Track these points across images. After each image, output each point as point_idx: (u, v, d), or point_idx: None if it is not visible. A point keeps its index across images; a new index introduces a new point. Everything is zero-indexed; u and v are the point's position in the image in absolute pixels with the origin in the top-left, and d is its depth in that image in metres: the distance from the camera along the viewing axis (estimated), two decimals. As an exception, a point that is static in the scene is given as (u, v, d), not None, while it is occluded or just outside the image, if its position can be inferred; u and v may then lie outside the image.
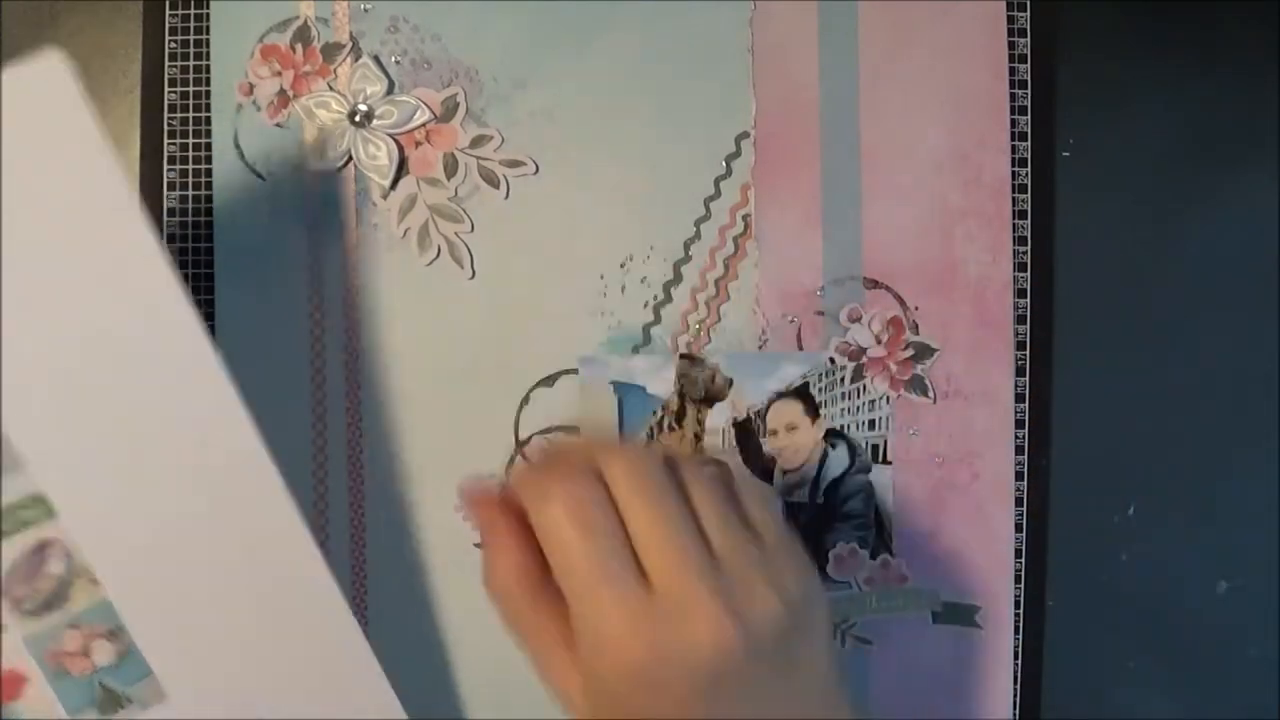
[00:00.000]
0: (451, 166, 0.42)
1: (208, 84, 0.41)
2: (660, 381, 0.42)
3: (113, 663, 0.34)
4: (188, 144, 0.41)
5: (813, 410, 0.42)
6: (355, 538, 0.42)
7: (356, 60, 0.41)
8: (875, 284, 0.42)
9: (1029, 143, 0.42)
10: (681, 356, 0.42)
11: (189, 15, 0.41)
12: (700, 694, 0.29)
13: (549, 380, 0.42)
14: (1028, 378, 0.42)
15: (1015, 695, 0.42)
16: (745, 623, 0.29)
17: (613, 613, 0.29)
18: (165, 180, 0.42)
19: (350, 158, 0.41)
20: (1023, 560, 0.43)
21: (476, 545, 0.42)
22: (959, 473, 0.42)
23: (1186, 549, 0.43)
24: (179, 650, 0.35)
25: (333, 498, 0.42)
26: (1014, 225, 0.42)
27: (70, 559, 0.33)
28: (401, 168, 0.41)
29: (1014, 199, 0.42)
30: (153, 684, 0.35)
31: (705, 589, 0.29)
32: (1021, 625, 0.43)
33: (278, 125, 0.41)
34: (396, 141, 0.41)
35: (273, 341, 0.42)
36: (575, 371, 0.42)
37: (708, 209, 0.42)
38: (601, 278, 0.42)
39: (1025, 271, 0.42)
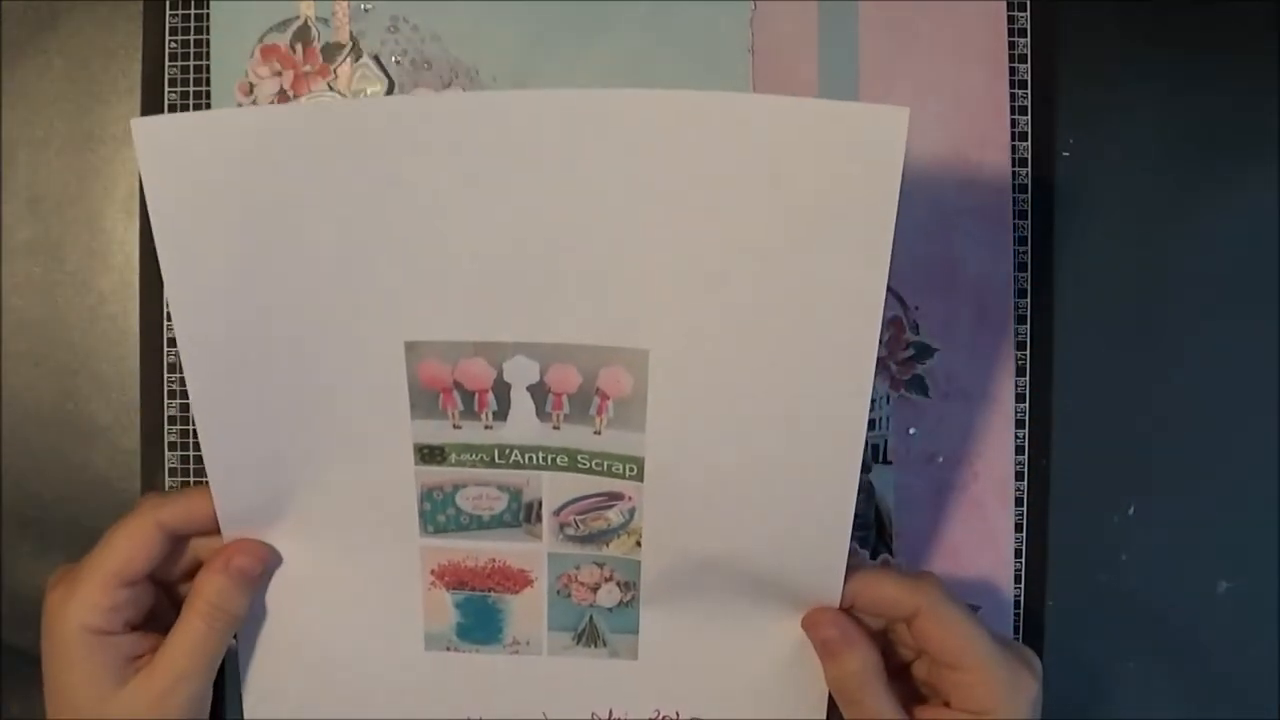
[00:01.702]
0: (451, 166, 0.41)
1: (208, 84, 0.41)
2: (660, 381, 0.42)
3: (611, 608, 0.37)
4: (188, 144, 0.41)
5: (813, 410, 0.42)
6: (355, 538, 0.42)
7: (356, 60, 0.41)
8: (875, 284, 0.42)
9: (1029, 143, 0.42)
10: (682, 356, 0.42)
11: (189, 15, 0.41)
12: None
13: (549, 380, 0.42)
14: (1028, 378, 0.42)
15: (1015, 695, 0.42)
16: None
17: None
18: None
19: (350, 158, 0.41)
20: (1023, 560, 0.43)
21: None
22: (959, 473, 0.42)
23: (1186, 549, 0.43)
24: (668, 627, 0.37)
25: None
26: (1014, 225, 0.42)
27: (631, 517, 0.35)
28: (401, 168, 0.41)
29: (1014, 199, 0.42)
30: (632, 643, 0.37)
31: None
32: (1021, 625, 0.43)
33: (278, 125, 0.41)
34: (396, 141, 0.41)
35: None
36: (575, 371, 0.42)
37: (708, 209, 0.42)
38: (601, 278, 0.42)
39: (1025, 271, 0.42)
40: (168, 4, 0.42)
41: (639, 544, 0.36)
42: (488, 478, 0.35)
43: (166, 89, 0.42)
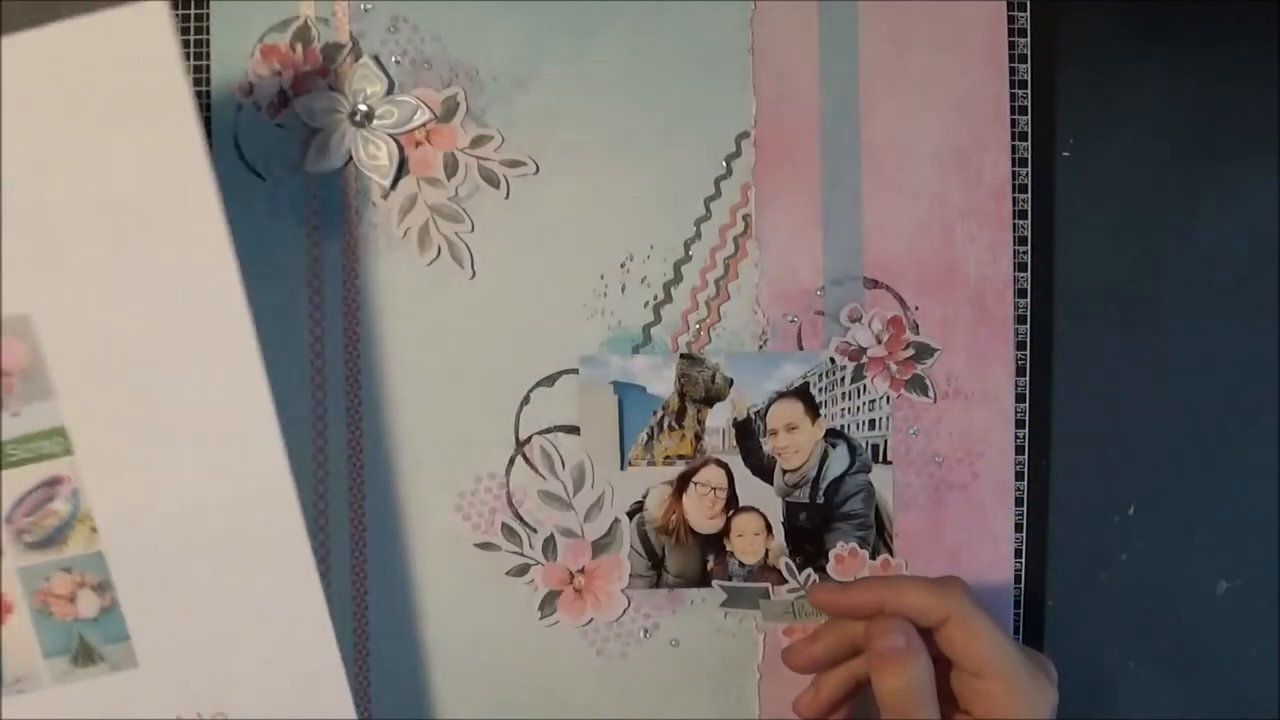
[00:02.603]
0: (452, 166, 0.42)
1: (208, 84, 0.41)
2: (660, 381, 0.42)
3: (95, 616, 0.35)
4: (188, 144, 0.41)
5: (813, 410, 0.42)
6: (355, 537, 0.42)
7: (356, 60, 0.41)
8: (875, 284, 0.42)
9: (1029, 143, 0.42)
10: (681, 356, 0.42)
11: (189, 15, 0.41)
12: None
13: (549, 380, 0.42)
14: (1028, 378, 0.42)
15: (1015, 695, 0.42)
16: None
17: None
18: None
19: (350, 158, 0.41)
20: (1023, 560, 0.43)
21: (476, 545, 0.42)
22: (959, 473, 0.42)
23: (1186, 549, 0.43)
24: (159, 622, 0.35)
25: (333, 497, 0.42)
26: (1014, 225, 0.42)
27: (77, 501, 0.34)
28: (402, 168, 0.41)
29: (1014, 199, 0.42)
30: (128, 649, 0.35)
31: None
32: (1021, 625, 0.43)
33: (278, 125, 0.41)
34: (397, 141, 0.41)
35: (273, 341, 0.41)
36: (575, 371, 0.42)
37: (708, 209, 0.42)
38: (601, 278, 0.42)
39: (1025, 271, 0.42)
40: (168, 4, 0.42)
41: (94, 529, 0.35)
42: None
43: (166, 89, 0.42)
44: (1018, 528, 0.43)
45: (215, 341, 0.34)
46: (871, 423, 0.42)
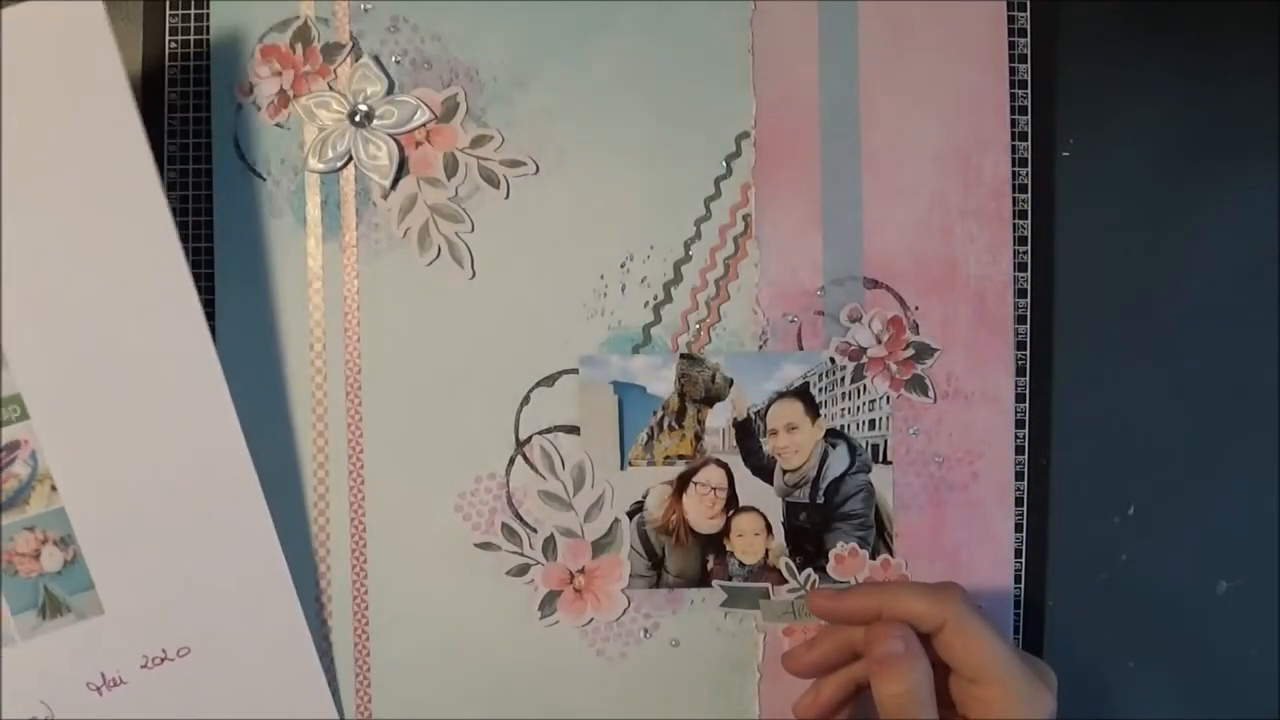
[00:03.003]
0: (452, 166, 0.42)
1: (208, 84, 0.41)
2: (660, 381, 0.42)
3: (59, 570, 0.37)
4: (188, 144, 0.41)
5: (813, 410, 0.42)
6: (355, 537, 0.42)
7: (356, 60, 0.41)
8: (875, 284, 0.42)
9: (1029, 143, 0.42)
10: (682, 356, 0.42)
11: (189, 15, 0.41)
12: None
13: (549, 380, 0.42)
14: (1028, 378, 0.42)
15: (1015, 695, 0.42)
16: None
17: None
18: (165, 180, 0.42)
19: (350, 158, 0.41)
20: (1023, 560, 0.43)
21: (476, 545, 0.42)
22: (959, 473, 0.42)
23: (1186, 549, 0.43)
24: (120, 569, 0.37)
25: (333, 498, 0.42)
26: (1014, 225, 0.42)
27: (36, 462, 0.36)
28: (402, 168, 0.41)
29: (1014, 199, 0.42)
30: (93, 598, 0.37)
31: None
32: (1021, 625, 0.43)
33: (278, 125, 0.41)
34: (397, 141, 0.41)
35: (273, 341, 0.42)
36: (575, 371, 0.42)
37: (708, 209, 0.42)
38: (601, 278, 0.42)
39: (1025, 271, 0.42)
40: (168, 4, 0.42)
41: (54, 488, 0.36)
42: None
43: (166, 89, 0.42)
44: (1018, 528, 0.43)
45: (160, 305, 0.36)
46: (871, 423, 0.42)
